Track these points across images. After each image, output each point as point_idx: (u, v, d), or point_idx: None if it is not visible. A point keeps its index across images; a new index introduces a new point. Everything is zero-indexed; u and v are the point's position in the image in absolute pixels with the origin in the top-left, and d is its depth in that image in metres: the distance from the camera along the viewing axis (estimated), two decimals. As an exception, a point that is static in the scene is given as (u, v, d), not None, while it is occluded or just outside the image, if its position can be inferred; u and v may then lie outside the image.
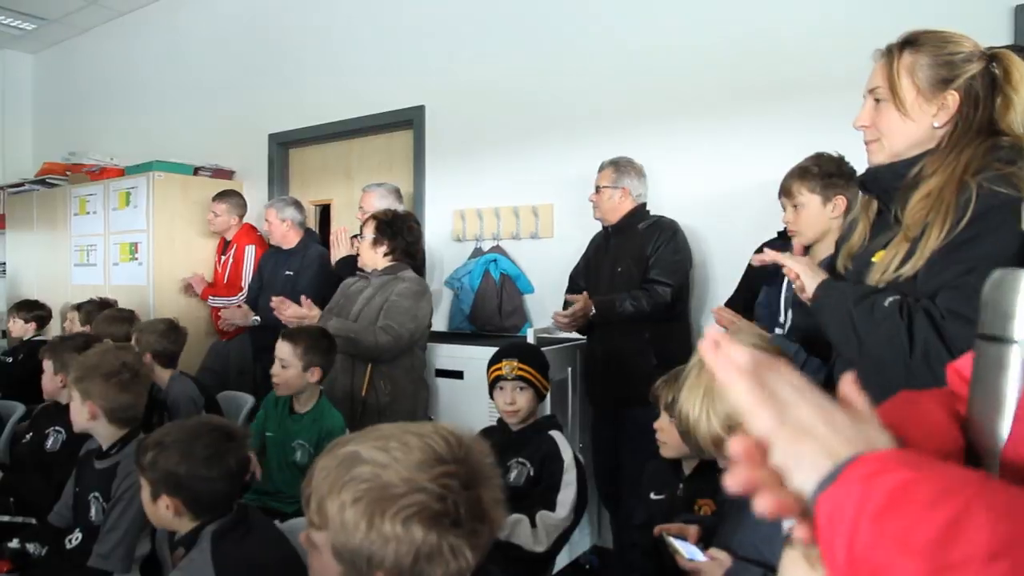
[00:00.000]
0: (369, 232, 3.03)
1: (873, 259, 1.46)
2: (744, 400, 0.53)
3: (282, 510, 2.41)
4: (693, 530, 1.57)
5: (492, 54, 3.78)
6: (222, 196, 4.44)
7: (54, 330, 4.81)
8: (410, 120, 4.09)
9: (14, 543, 2.09)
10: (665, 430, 1.86)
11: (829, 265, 1.95)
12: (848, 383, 0.57)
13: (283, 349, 2.54)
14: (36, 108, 6.91)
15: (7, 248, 6.03)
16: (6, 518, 2.33)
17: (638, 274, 2.89)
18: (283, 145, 4.78)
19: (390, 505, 0.92)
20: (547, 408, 2.79)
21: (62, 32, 6.32)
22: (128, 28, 5.91)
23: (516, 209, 3.68)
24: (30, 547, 2.10)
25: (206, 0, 5.25)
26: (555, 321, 2.93)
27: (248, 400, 3.21)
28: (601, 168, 3.05)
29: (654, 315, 2.81)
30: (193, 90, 5.33)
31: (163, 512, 1.60)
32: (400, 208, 3.55)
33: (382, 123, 4.23)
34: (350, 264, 3.36)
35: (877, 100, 1.47)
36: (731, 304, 2.57)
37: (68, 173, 5.34)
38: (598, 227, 3.12)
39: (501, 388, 2.26)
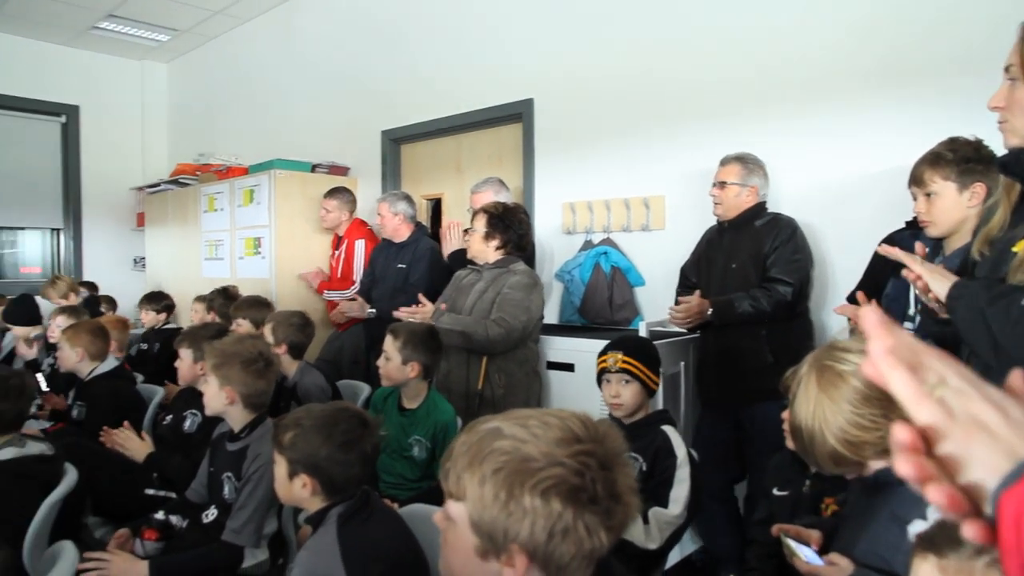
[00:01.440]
0: (480, 226, 3.07)
1: (1014, 248, 1.35)
2: (903, 392, 0.49)
3: (398, 496, 2.49)
4: (816, 536, 1.50)
5: (600, 45, 3.75)
6: (333, 193, 4.62)
7: (181, 320, 5.16)
8: (519, 114, 4.11)
9: (160, 515, 2.25)
10: (793, 422, 1.79)
11: (965, 253, 1.82)
12: (1018, 377, 0.52)
13: (387, 342, 2.65)
14: (170, 114, 7.40)
15: (146, 243, 6.50)
16: (151, 491, 2.52)
17: (753, 272, 2.80)
18: (395, 141, 4.91)
19: (529, 477, 0.93)
20: (659, 403, 2.76)
21: (192, 41, 6.73)
22: (250, 34, 6.23)
23: (627, 201, 3.64)
24: (173, 519, 2.26)
25: (322, 3, 5.46)
26: (670, 318, 2.88)
27: (365, 388, 3.32)
28: (724, 163, 2.95)
29: (774, 315, 2.72)
30: (311, 90, 5.56)
31: (298, 491, 1.68)
32: (507, 199, 3.59)
33: (491, 117, 4.28)
34: (462, 257, 3.41)
35: (1012, 79, 1.33)
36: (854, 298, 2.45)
37: (198, 173, 5.70)
38: (712, 218, 3.04)
39: (607, 381, 2.25)
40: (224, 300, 4.14)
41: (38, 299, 4.62)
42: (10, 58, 6.50)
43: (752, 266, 2.81)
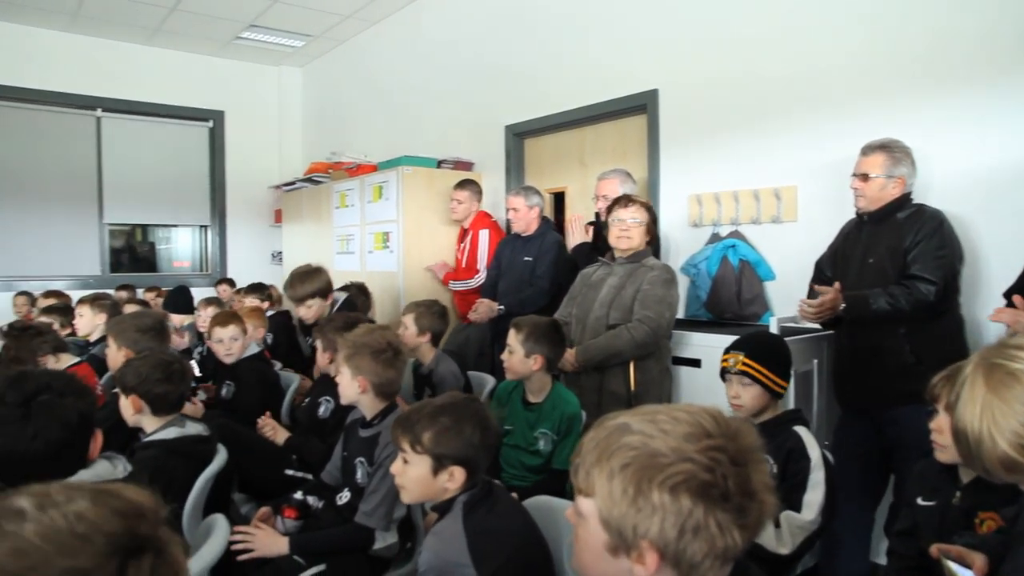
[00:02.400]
0: (643, 215, 3.03)
1: None
2: None
3: (519, 486, 2.52)
4: (979, 562, 1.36)
5: (727, 31, 3.62)
6: (463, 184, 4.72)
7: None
8: (643, 105, 4.04)
9: (298, 495, 2.38)
10: (944, 431, 1.65)
11: None
12: None
13: (510, 335, 2.67)
14: (304, 115, 7.80)
15: (283, 238, 6.88)
16: (290, 472, 2.67)
17: (891, 268, 2.60)
18: (519, 135, 4.95)
19: (657, 473, 0.92)
20: (790, 402, 2.64)
21: (324, 46, 7.05)
22: (378, 36, 6.45)
23: (756, 192, 3.50)
24: (310, 500, 2.38)
25: (447, 3, 5.57)
26: (800, 310, 2.74)
27: (490, 381, 3.37)
28: (867, 152, 2.73)
29: (914, 315, 2.50)
30: (436, 88, 5.69)
31: (443, 484, 1.71)
32: (632, 190, 3.56)
33: (615, 109, 4.23)
34: (586, 251, 3.40)
35: None
36: (1012, 295, 2.24)
37: (330, 171, 5.96)
38: (848, 209, 2.87)
39: (729, 380, 2.18)
40: (358, 293, 4.33)
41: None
42: (165, 70, 7.08)
43: (890, 261, 2.61)
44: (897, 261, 2.59)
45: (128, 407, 2.25)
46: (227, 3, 5.94)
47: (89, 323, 3.99)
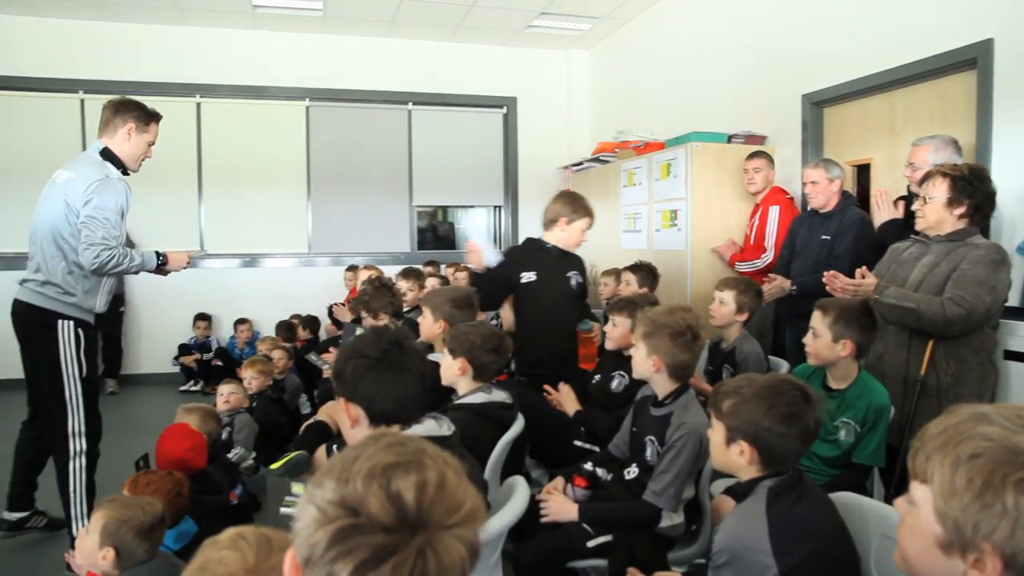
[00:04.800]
0: (941, 191, 2.69)
1: None
2: None
3: (815, 481, 2.36)
4: None
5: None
6: (756, 154, 4.53)
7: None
8: (972, 59, 3.50)
9: (588, 465, 2.47)
10: None
11: None
12: None
13: (815, 318, 2.50)
14: (592, 96, 7.97)
15: (571, 218, 7.13)
16: (579, 443, 2.78)
17: None
18: (817, 104, 4.58)
19: (1015, 471, 0.80)
20: None
21: (610, 27, 7.13)
22: (664, 12, 6.36)
23: None
24: (599, 471, 2.46)
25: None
26: None
27: (783, 364, 3.21)
28: None
29: None
30: (725, 59, 5.46)
31: (735, 457, 1.68)
32: (951, 158, 3.12)
33: (933, 67, 3.72)
34: (894, 229, 3.07)
35: None
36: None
37: (617, 150, 6.02)
38: None
39: None
40: (646, 273, 4.36)
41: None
42: (464, 63, 7.69)
43: None
44: None
45: (452, 367, 2.46)
46: (520, -6, 6.26)
47: (415, 298, 4.55)
